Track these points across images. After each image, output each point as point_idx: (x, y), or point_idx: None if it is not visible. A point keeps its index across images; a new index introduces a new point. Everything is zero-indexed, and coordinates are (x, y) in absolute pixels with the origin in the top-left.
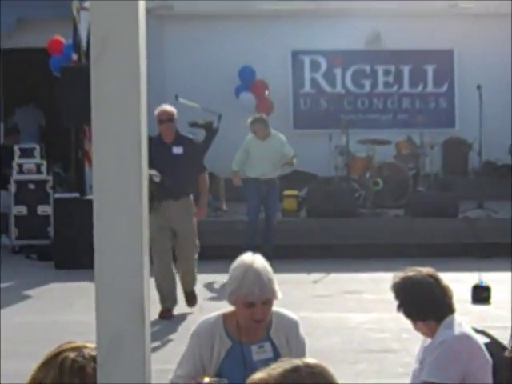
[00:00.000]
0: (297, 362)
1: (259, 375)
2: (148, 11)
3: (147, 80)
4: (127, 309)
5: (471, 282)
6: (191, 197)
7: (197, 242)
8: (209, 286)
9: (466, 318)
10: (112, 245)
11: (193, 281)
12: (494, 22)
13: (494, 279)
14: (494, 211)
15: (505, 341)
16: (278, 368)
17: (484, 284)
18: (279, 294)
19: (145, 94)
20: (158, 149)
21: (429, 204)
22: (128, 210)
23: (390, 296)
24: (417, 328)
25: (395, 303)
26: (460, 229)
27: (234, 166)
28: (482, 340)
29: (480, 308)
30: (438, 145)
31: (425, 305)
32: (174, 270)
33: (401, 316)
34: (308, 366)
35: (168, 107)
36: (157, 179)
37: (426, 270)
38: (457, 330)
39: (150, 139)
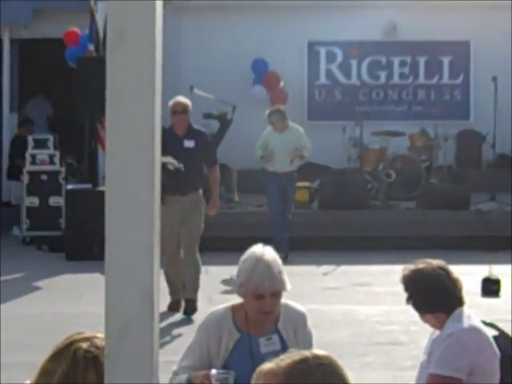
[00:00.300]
0: (305, 353)
1: (268, 366)
2: (165, 3)
3: (162, 71)
4: (136, 300)
5: (481, 274)
6: (200, 191)
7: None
8: (219, 278)
9: (476, 310)
10: (123, 236)
11: (195, 289)
12: (510, 14)
13: (504, 272)
14: (506, 204)
15: None
16: (286, 359)
17: (494, 277)
18: (288, 286)
19: (160, 85)
20: (169, 141)
21: (441, 196)
22: (140, 202)
23: (400, 288)
24: (425, 320)
25: (404, 295)
26: (472, 221)
27: (258, 151)
28: (490, 333)
29: (489, 301)
30: (451, 137)
31: (434, 297)
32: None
33: (410, 308)
34: (317, 357)
35: (183, 99)
36: (171, 167)
37: (437, 262)
38: (466, 323)
39: (164, 130)
